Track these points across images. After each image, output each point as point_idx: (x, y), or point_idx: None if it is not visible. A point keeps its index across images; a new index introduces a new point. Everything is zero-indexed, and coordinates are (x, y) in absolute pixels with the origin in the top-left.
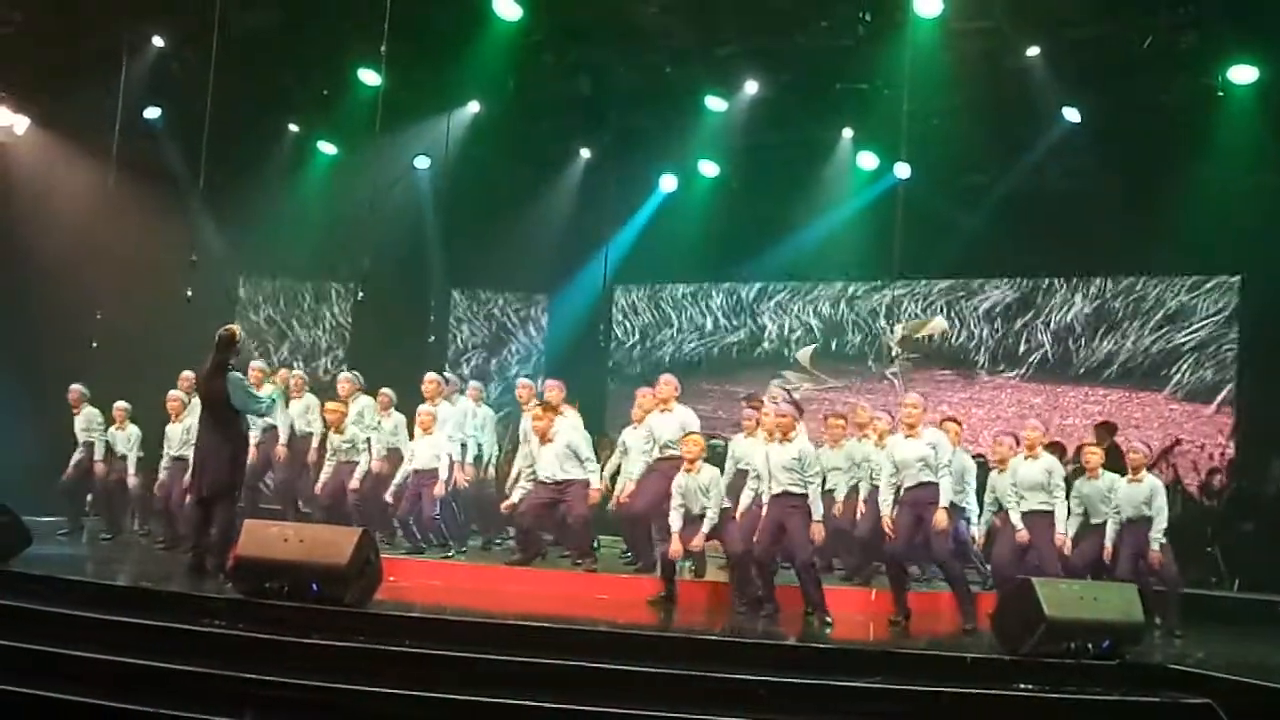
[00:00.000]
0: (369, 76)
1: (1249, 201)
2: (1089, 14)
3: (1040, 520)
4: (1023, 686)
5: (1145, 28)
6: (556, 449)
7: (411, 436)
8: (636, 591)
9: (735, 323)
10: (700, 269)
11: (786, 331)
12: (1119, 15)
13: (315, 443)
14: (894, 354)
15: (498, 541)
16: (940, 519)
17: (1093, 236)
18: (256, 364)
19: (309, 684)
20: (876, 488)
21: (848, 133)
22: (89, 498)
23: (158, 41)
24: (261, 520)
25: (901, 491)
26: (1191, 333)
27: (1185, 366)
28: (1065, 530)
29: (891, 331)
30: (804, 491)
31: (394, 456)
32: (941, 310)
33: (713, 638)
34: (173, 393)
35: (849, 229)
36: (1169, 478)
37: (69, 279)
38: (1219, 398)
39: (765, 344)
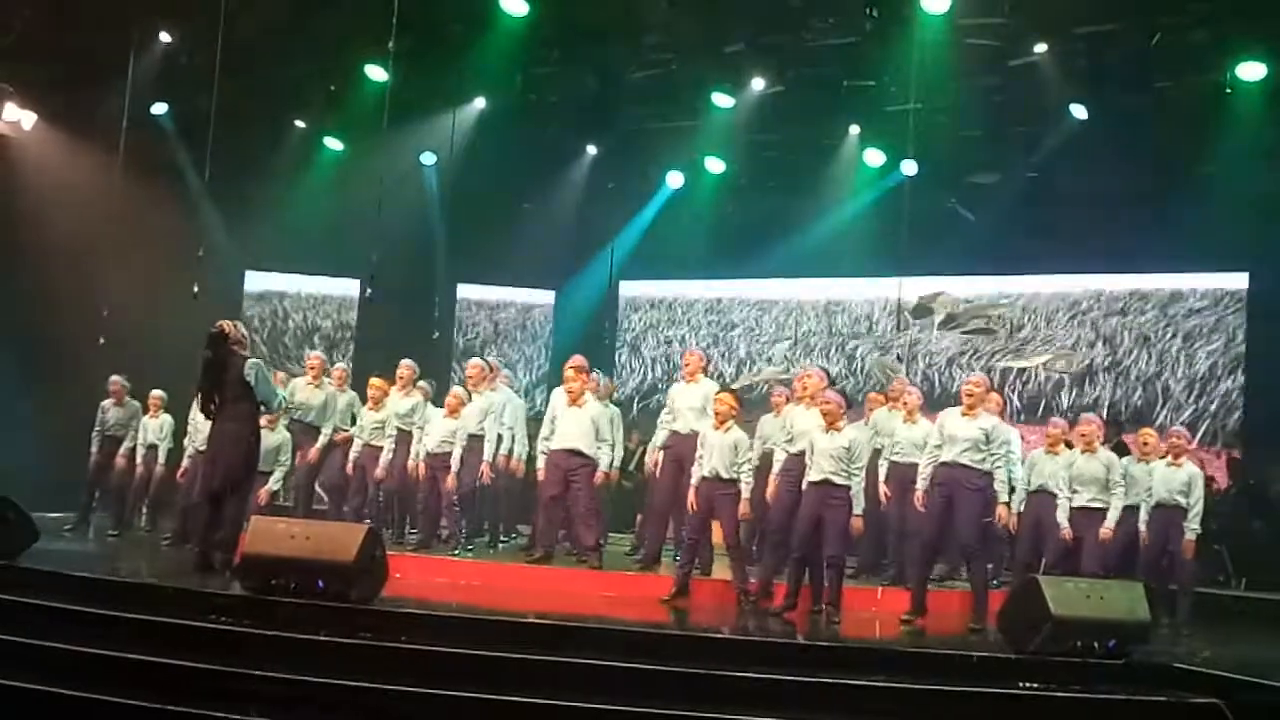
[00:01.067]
0: (376, 72)
1: (1257, 199)
2: (1097, 11)
3: (1090, 517)
4: (1028, 685)
5: (1153, 25)
6: (580, 418)
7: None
8: (643, 589)
9: (742, 317)
10: (707, 265)
11: (792, 327)
12: (1127, 12)
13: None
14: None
15: (504, 540)
16: (1001, 514)
17: (1101, 233)
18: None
19: (315, 681)
20: (894, 463)
21: (854, 130)
22: (96, 494)
23: (165, 38)
24: (268, 516)
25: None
26: (1199, 330)
27: (1193, 362)
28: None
29: (899, 329)
30: (847, 483)
31: (405, 439)
32: (947, 310)
33: (719, 636)
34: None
35: (855, 226)
36: None
37: (76, 274)
38: (1226, 393)
39: (771, 339)
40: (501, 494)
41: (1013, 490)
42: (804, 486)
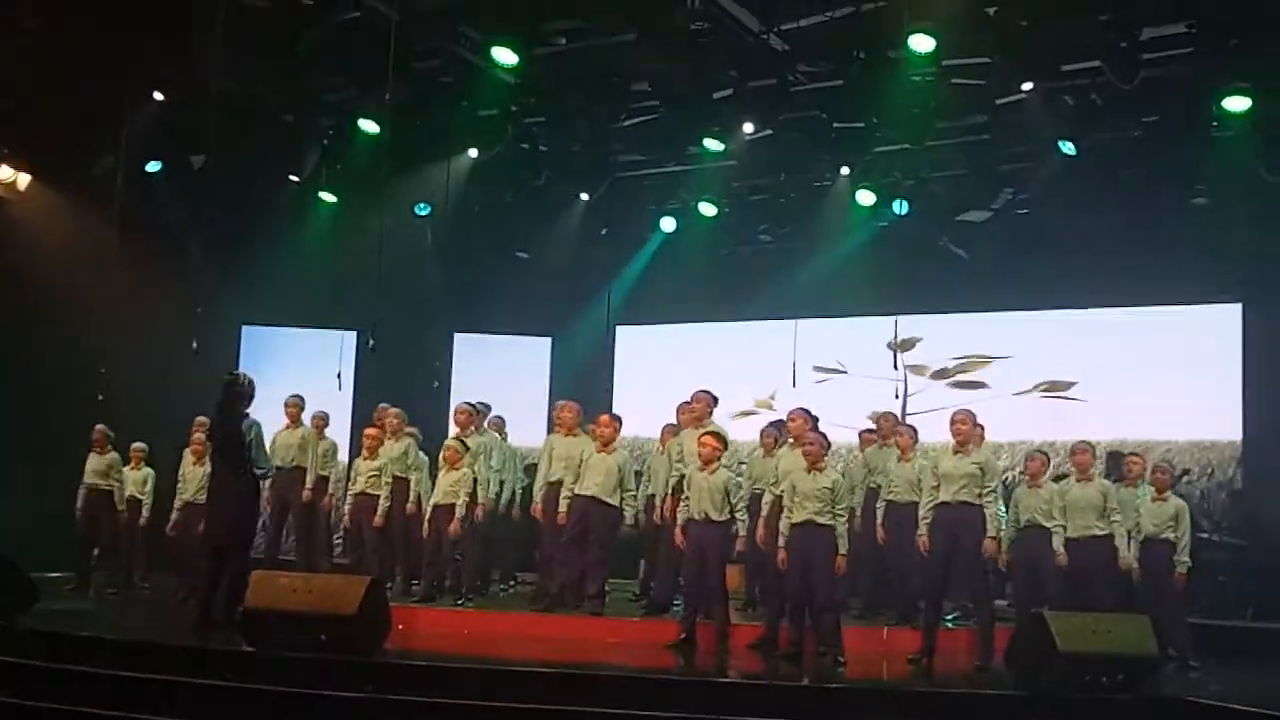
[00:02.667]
0: (369, 126)
1: (1246, 229)
2: (1082, 49)
3: (1090, 546)
4: None
5: (1138, 60)
6: (609, 466)
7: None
8: (648, 635)
9: (737, 360)
10: (702, 307)
11: (788, 367)
12: (1111, 48)
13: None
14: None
15: (505, 588)
16: (990, 548)
17: (1092, 267)
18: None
19: None
20: (890, 503)
21: (845, 171)
22: (95, 551)
23: (158, 96)
24: (270, 570)
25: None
26: (1194, 362)
27: (1189, 396)
28: (1130, 554)
29: (896, 368)
30: (831, 524)
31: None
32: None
33: (725, 680)
34: (198, 435)
35: (848, 265)
36: None
37: (74, 333)
38: (1224, 426)
39: (767, 381)
40: (493, 540)
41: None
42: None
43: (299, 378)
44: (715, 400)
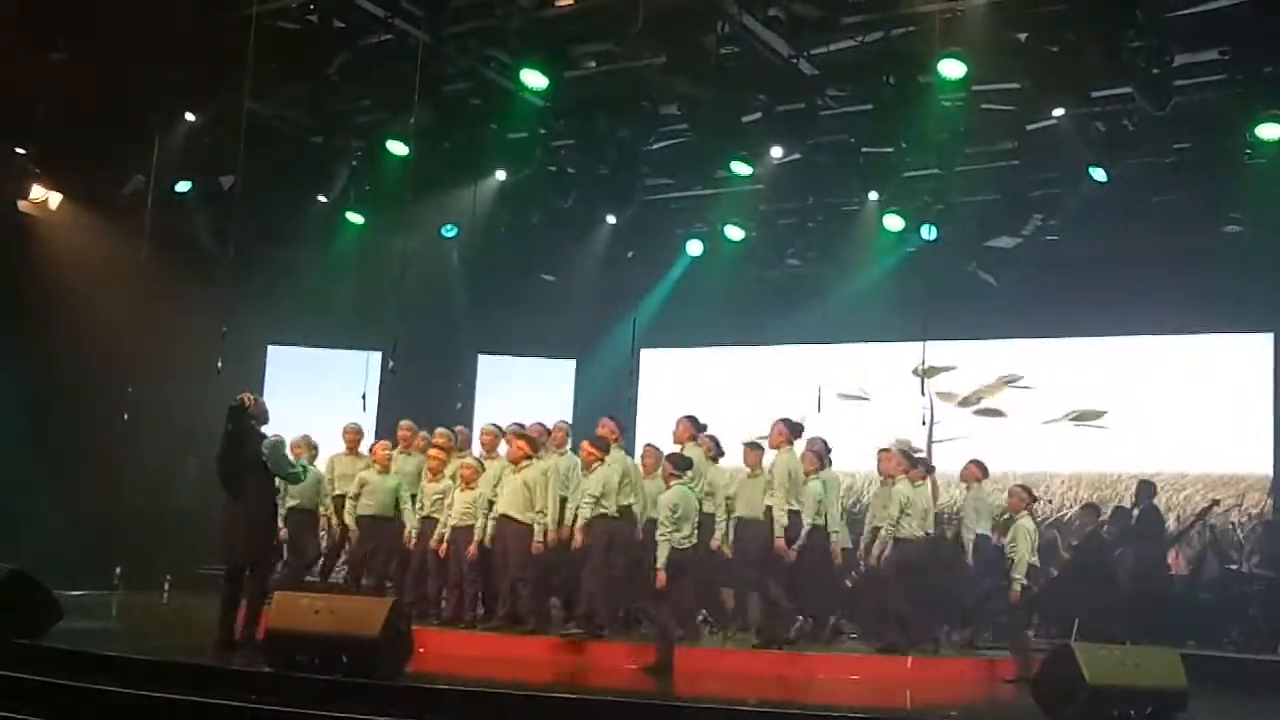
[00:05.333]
0: (397, 147)
1: (1279, 257)
2: (1113, 73)
3: None
4: None
5: (1171, 86)
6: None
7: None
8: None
9: (762, 385)
10: (727, 332)
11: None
12: (1143, 74)
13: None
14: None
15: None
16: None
17: (1123, 297)
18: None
19: None
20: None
21: (873, 195)
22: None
23: (189, 117)
24: (292, 591)
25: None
26: (1225, 392)
27: (1220, 426)
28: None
29: (923, 394)
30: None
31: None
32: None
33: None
34: (295, 439)
35: (876, 292)
36: (1206, 539)
37: (101, 353)
38: (1255, 457)
39: (792, 407)
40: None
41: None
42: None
43: (323, 398)
44: (701, 426)
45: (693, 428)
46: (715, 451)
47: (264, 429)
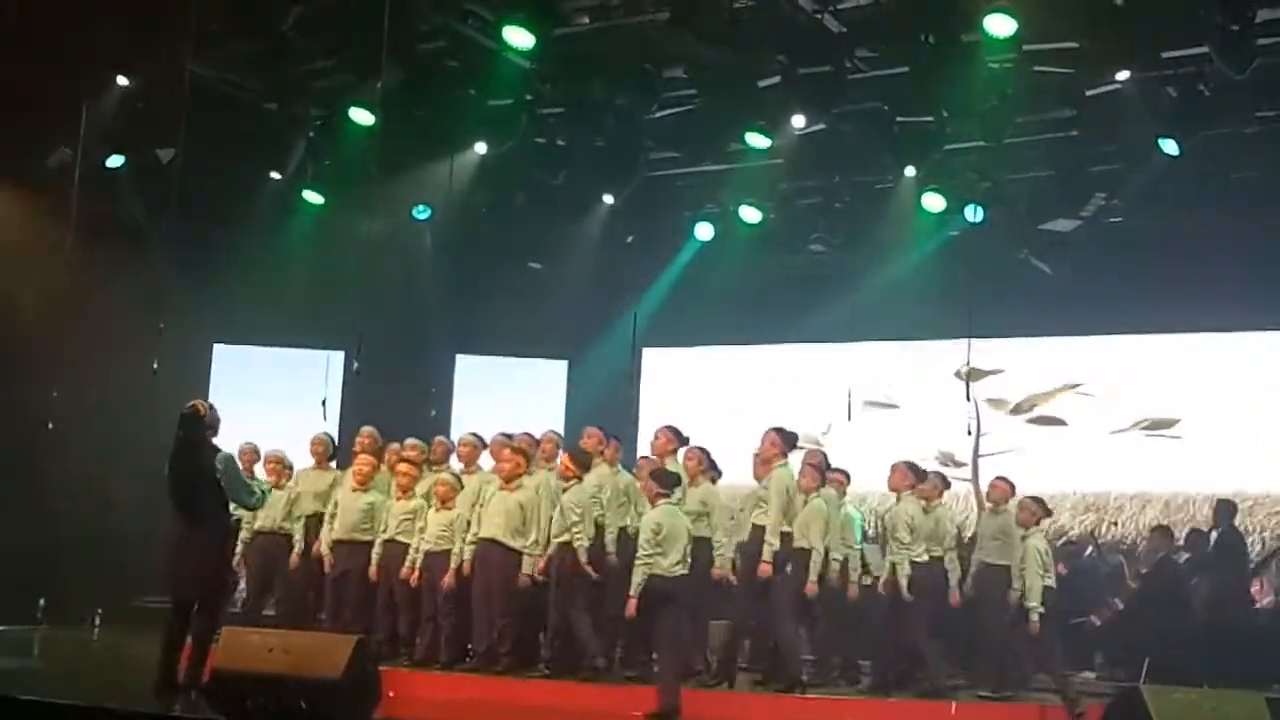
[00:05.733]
0: (361, 116)
1: None
2: (1186, 31)
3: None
4: None
5: (1253, 46)
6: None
7: None
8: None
9: (782, 389)
10: (742, 328)
11: (842, 398)
12: (1221, 32)
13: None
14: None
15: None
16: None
17: (1197, 287)
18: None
19: None
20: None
21: (910, 172)
22: None
23: (122, 81)
24: (241, 627)
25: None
26: None
27: None
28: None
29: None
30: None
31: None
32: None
33: None
34: (271, 453)
35: (913, 282)
36: None
37: (21, 352)
38: None
39: (816, 414)
40: None
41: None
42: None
43: (278, 405)
44: (684, 438)
45: (675, 439)
46: (705, 465)
47: (215, 440)
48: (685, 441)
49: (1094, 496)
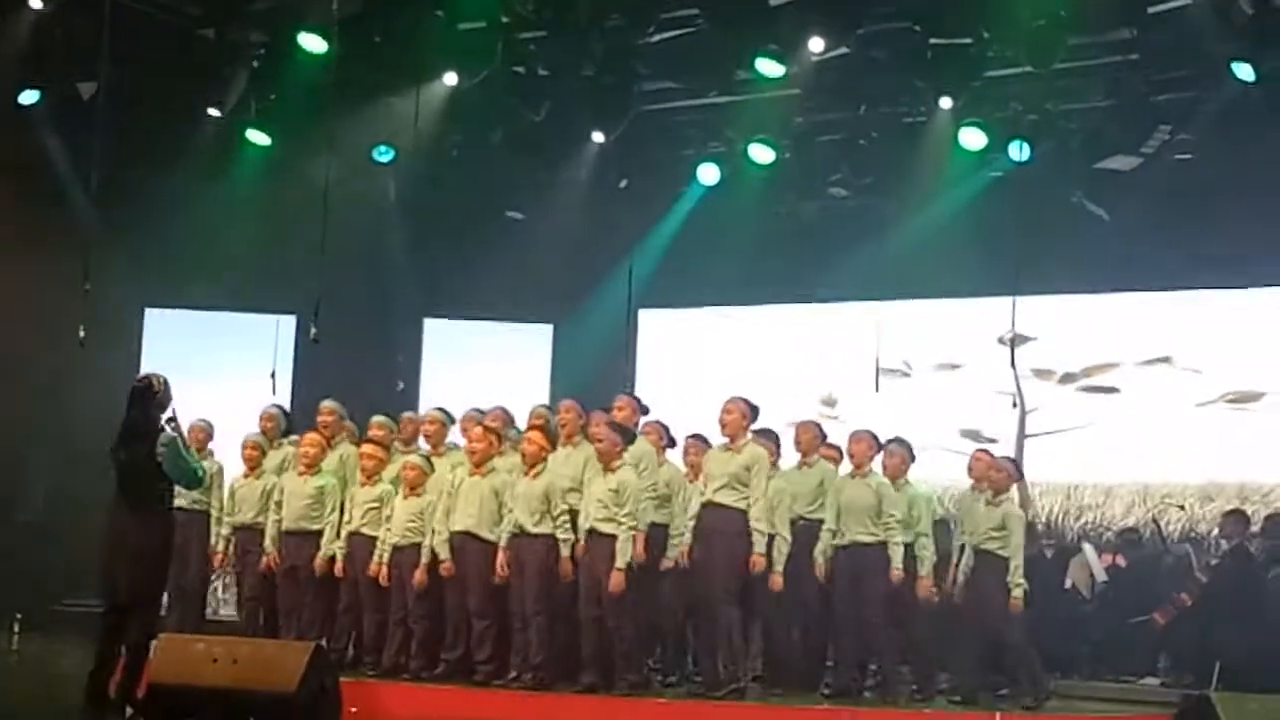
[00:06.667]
0: (313, 42)
1: None
2: None
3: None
4: None
5: None
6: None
7: None
8: None
9: (799, 354)
10: (752, 286)
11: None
12: None
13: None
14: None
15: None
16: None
17: (1275, 232)
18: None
19: None
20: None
21: (945, 103)
22: None
23: (35, 3)
24: (181, 635)
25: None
26: None
27: None
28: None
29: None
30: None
31: None
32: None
33: None
34: (251, 437)
35: (950, 229)
36: None
37: None
38: None
39: (837, 382)
40: None
41: None
42: None
43: (221, 378)
44: (644, 408)
45: (637, 410)
46: (666, 442)
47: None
48: (646, 411)
49: (1154, 485)
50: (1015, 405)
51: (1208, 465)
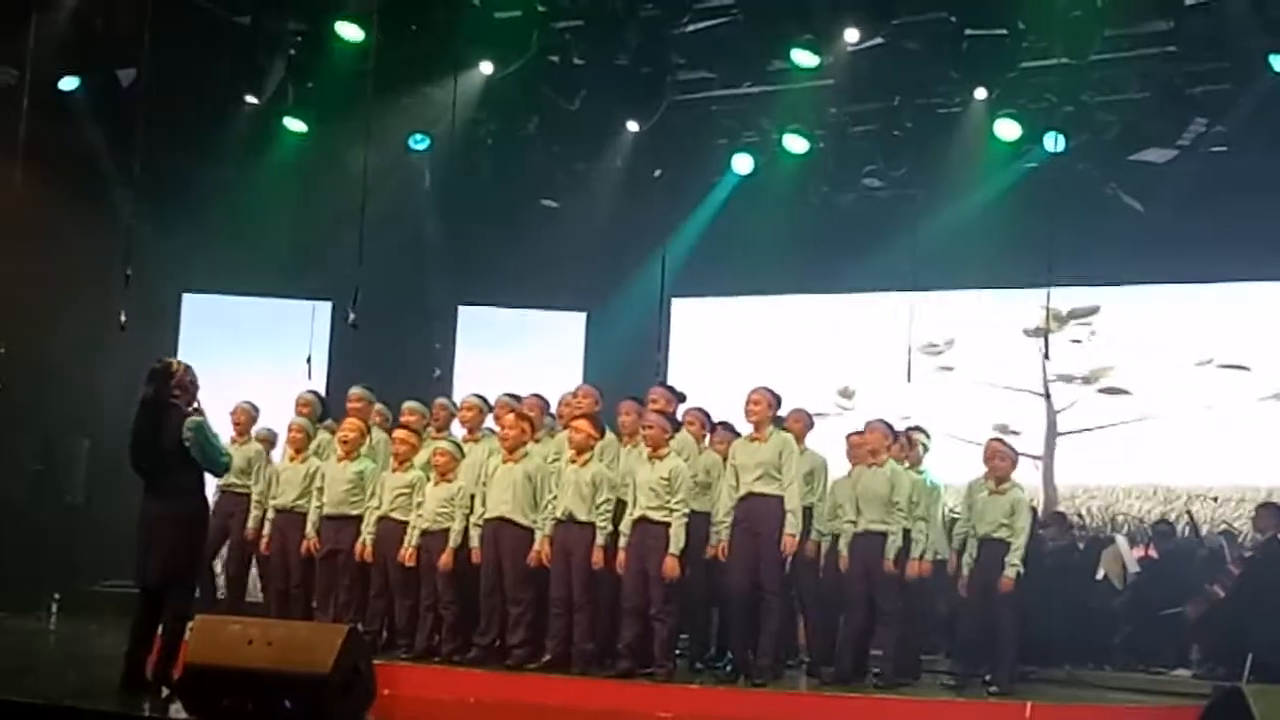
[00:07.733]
0: (350, 31)
1: None
2: None
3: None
4: None
5: None
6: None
7: None
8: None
9: (830, 344)
10: (785, 276)
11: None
12: None
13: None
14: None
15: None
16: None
17: None
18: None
19: None
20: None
21: (980, 94)
22: None
23: None
24: (218, 616)
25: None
26: None
27: None
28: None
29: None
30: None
31: None
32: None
33: None
34: (296, 420)
35: (984, 220)
36: None
37: None
38: None
39: (867, 372)
40: None
41: None
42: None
43: (257, 363)
44: (681, 396)
45: (674, 400)
46: (710, 428)
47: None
48: (683, 399)
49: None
50: (1046, 397)
51: (1244, 463)
